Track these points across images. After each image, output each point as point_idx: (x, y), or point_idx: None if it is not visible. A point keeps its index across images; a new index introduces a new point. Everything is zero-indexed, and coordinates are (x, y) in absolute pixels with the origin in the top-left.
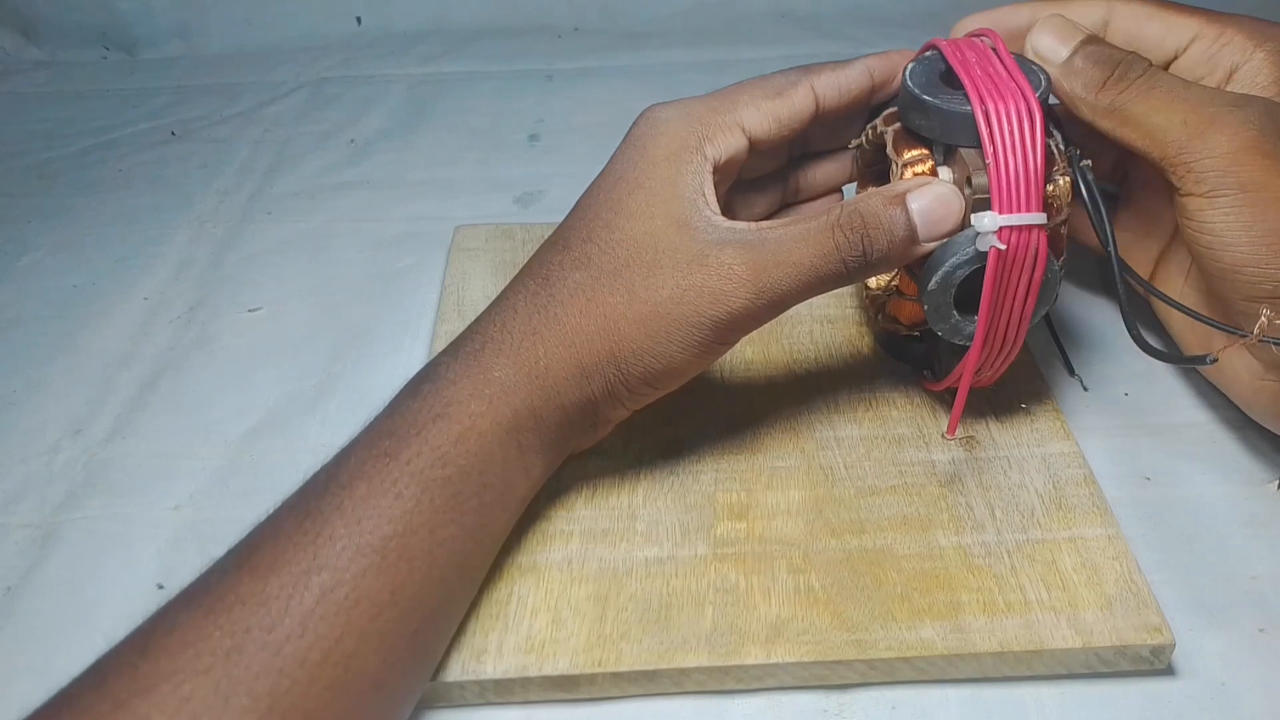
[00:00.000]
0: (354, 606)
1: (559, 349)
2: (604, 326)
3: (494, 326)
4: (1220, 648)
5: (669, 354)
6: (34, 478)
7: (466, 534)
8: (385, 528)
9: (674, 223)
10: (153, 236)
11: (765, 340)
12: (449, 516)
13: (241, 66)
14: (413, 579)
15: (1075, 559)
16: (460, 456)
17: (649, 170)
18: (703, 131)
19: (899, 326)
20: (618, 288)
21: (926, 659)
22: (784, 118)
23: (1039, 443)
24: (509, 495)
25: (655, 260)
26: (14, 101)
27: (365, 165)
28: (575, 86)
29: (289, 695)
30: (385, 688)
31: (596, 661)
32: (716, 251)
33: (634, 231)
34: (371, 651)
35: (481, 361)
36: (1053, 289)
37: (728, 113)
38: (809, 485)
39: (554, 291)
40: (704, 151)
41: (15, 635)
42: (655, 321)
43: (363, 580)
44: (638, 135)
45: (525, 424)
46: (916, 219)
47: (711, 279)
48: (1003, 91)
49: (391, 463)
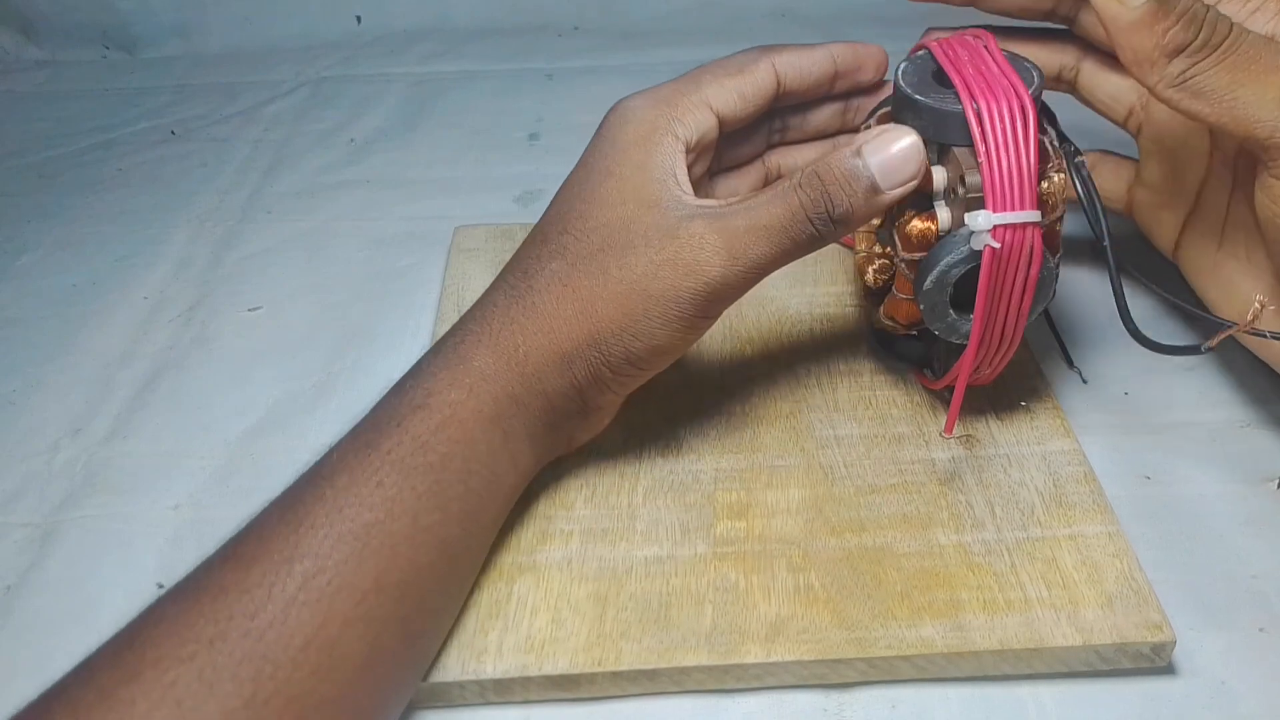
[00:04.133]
0: (336, 593)
1: (538, 336)
2: (581, 310)
3: (474, 321)
4: (1220, 647)
5: (649, 331)
6: (34, 477)
7: (452, 521)
8: (366, 515)
9: (644, 204)
10: (152, 236)
11: (765, 339)
12: (432, 503)
13: (241, 66)
14: (396, 565)
15: (1075, 556)
16: (442, 444)
17: (619, 158)
18: (671, 113)
19: (896, 325)
20: (592, 271)
21: (927, 657)
22: (748, 93)
23: (1039, 440)
24: (496, 484)
25: (628, 241)
26: (14, 101)
27: (365, 164)
28: (575, 85)
29: (272, 680)
30: (373, 674)
31: (596, 661)
32: (687, 224)
33: (606, 217)
34: (356, 638)
35: (460, 353)
36: (1049, 286)
37: (693, 92)
38: (809, 484)
39: (532, 282)
40: (674, 132)
41: (15, 634)
42: (631, 299)
43: (345, 567)
44: (608, 125)
45: (508, 411)
46: (875, 169)
47: (685, 251)
48: (994, 89)
49: (373, 453)
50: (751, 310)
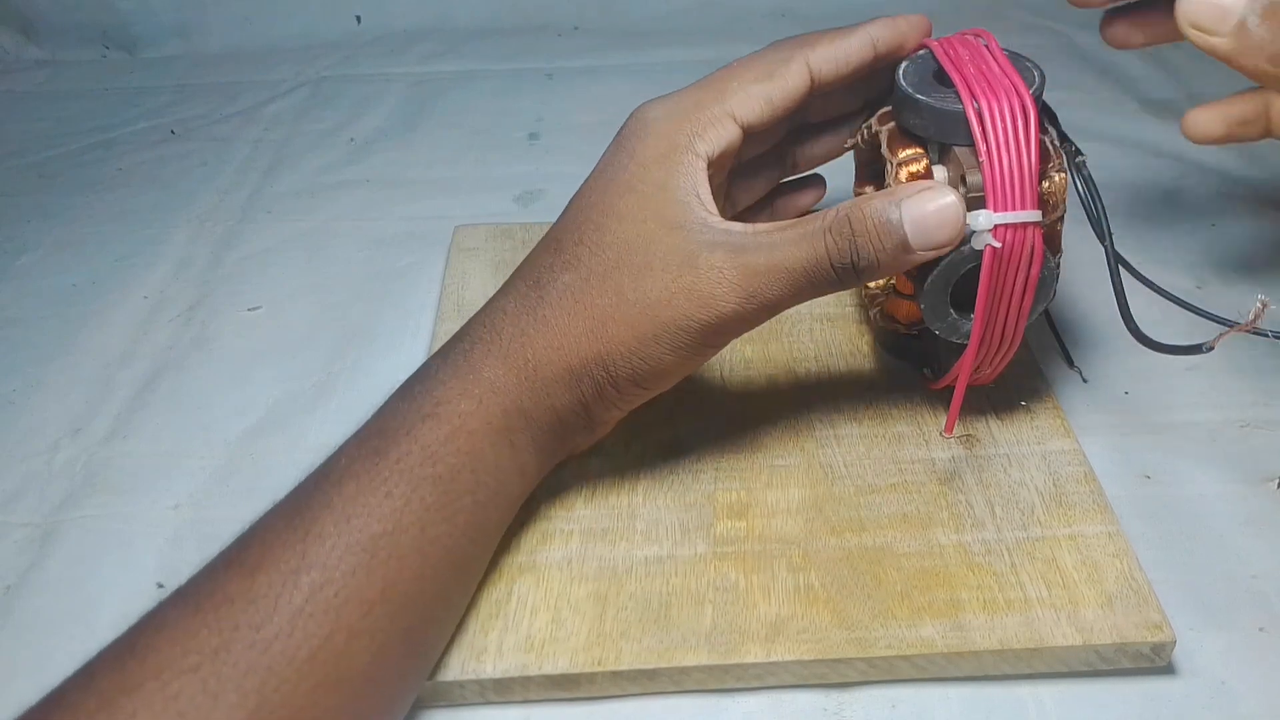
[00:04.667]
0: (344, 605)
1: (548, 351)
2: (592, 328)
3: (483, 329)
4: (1220, 646)
5: (657, 356)
6: (34, 477)
7: (459, 532)
8: (375, 526)
9: (666, 225)
10: (152, 235)
11: (765, 339)
12: (440, 515)
13: (241, 65)
14: (404, 577)
15: (1075, 556)
16: (450, 455)
17: (640, 173)
18: (693, 129)
19: (897, 325)
20: (607, 289)
21: (927, 657)
22: (776, 99)
23: (1039, 440)
24: (502, 494)
25: (645, 263)
26: (14, 101)
27: (365, 164)
28: (575, 85)
29: (278, 693)
30: (378, 685)
31: (596, 660)
32: (707, 254)
33: (625, 234)
34: (362, 649)
35: (470, 362)
36: (1050, 286)
37: (717, 104)
38: (809, 483)
39: (544, 293)
40: (695, 150)
41: (14, 635)
42: (643, 324)
43: (352, 578)
44: (627, 136)
45: (516, 424)
46: (908, 227)
47: (701, 282)
48: (995, 89)
49: (381, 461)
50: None
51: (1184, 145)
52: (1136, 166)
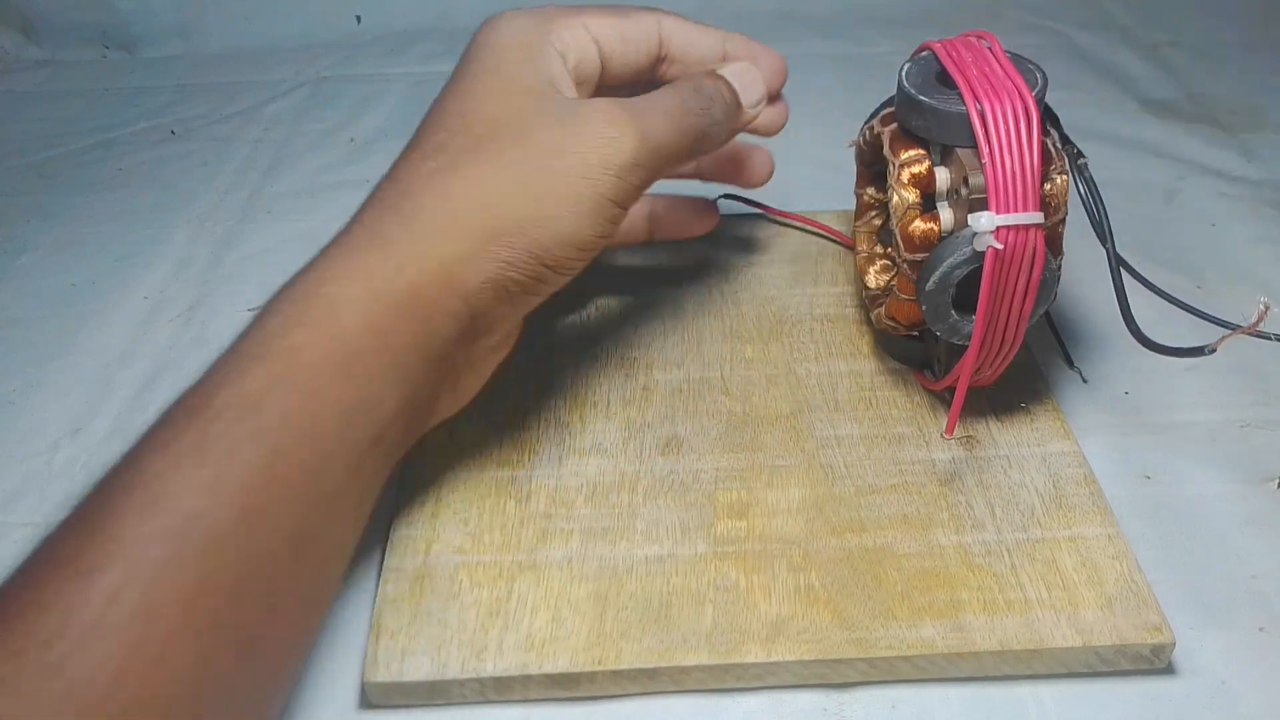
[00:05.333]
0: (153, 605)
1: (415, 244)
2: (471, 203)
3: (335, 245)
4: (1220, 647)
5: (555, 216)
6: (34, 477)
7: (295, 497)
8: (185, 504)
9: (534, 94)
10: (152, 235)
11: (765, 339)
12: (268, 478)
13: (241, 65)
14: (224, 561)
15: (1075, 558)
16: (279, 399)
17: (496, 60)
18: (549, 27)
19: (898, 326)
20: (482, 159)
21: (927, 657)
22: (629, 35)
23: (1039, 442)
24: (349, 440)
25: (522, 128)
26: (14, 101)
27: (365, 164)
28: None
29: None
30: (211, 695)
31: (596, 660)
32: (589, 105)
33: (491, 107)
34: (182, 655)
35: (310, 281)
36: (1051, 288)
37: (573, 15)
38: (809, 484)
39: (406, 187)
40: (553, 45)
41: None
42: (536, 182)
43: (161, 572)
44: (479, 37)
45: (367, 347)
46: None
47: (592, 124)
48: (998, 91)
49: (194, 422)
50: (751, 310)
51: (1184, 145)
52: (1136, 166)
